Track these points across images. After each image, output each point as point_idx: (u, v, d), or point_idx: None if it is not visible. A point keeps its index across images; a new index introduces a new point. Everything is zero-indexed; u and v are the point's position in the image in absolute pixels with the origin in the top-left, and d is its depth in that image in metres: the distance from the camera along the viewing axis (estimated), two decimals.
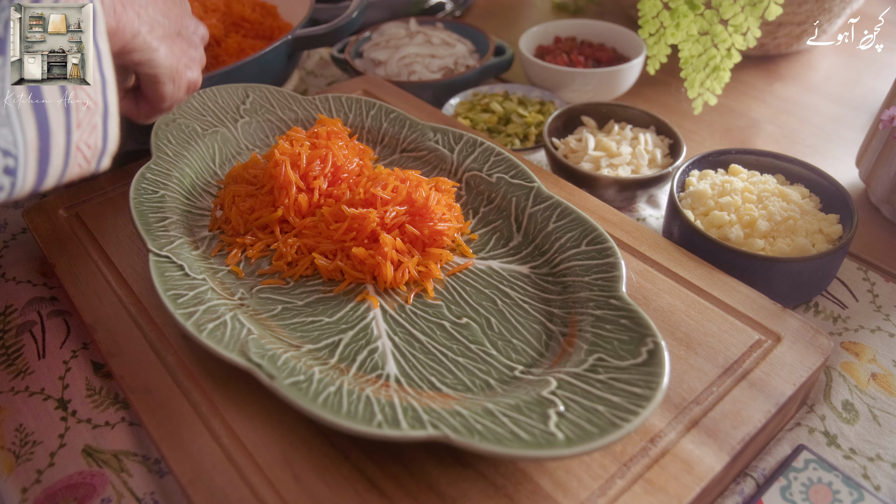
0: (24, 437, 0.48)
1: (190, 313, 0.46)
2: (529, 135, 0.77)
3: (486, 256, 0.55)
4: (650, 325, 0.43)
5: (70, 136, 0.36)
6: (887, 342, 0.55)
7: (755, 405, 0.44)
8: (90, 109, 0.37)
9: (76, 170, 0.38)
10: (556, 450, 0.36)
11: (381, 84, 0.79)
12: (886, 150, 0.62)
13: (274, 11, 0.90)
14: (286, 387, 0.41)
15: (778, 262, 0.53)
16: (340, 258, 0.53)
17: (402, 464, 0.41)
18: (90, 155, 0.38)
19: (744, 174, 0.61)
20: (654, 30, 0.71)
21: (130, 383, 0.47)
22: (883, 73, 0.92)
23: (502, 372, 0.45)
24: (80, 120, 0.37)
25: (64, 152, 0.36)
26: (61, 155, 0.36)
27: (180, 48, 0.50)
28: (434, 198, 0.54)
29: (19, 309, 0.57)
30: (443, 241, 0.54)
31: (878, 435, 0.48)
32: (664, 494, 0.39)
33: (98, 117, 0.38)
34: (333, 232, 0.53)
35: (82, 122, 0.37)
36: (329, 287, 0.52)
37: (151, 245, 0.51)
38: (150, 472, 0.46)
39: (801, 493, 0.44)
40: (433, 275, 0.52)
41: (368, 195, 0.54)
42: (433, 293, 0.51)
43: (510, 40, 0.95)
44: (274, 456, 0.42)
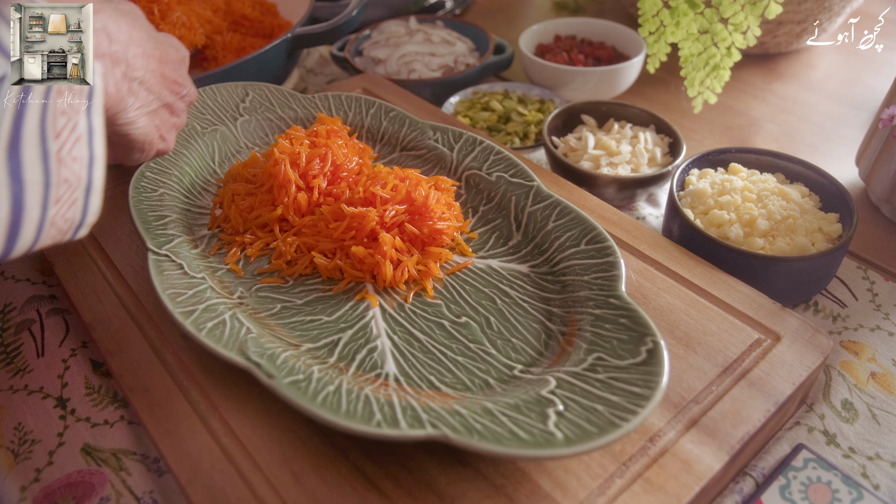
0: (23, 435, 0.48)
1: (189, 312, 0.46)
2: (529, 133, 0.77)
3: (485, 255, 0.55)
4: (649, 324, 0.43)
5: (45, 212, 0.35)
6: (887, 341, 0.55)
7: (754, 404, 0.44)
8: (72, 185, 0.36)
9: (48, 241, 0.36)
10: (555, 449, 0.36)
11: (381, 82, 0.79)
12: (886, 148, 0.62)
13: (274, 9, 0.90)
14: (285, 386, 0.41)
15: (777, 261, 0.53)
16: (340, 257, 0.53)
17: (401, 463, 0.41)
18: (66, 228, 0.37)
19: (743, 173, 0.61)
20: (654, 28, 0.71)
21: (129, 382, 0.47)
22: (883, 71, 0.92)
23: (501, 371, 0.45)
24: (59, 196, 0.35)
25: (37, 227, 0.35)
26: (33, 230, 0.35)
27: (161, 119, 0.49)
28: (433, 196, 0.54)
29: (18, 307, 0.57)
30: (442, 239, 0.54)
31: (877, 434, 0.48)
32: (663, 494, 0.39)
33: (80, 192, 0.37)
34: (333, 231, 0.53)
35: (62, 198, 0.36)
36: (328, 286, 0.52)
37: (150, 243, 0.51)
38: (149, 470, 0.46)
39: (800, 492, 0.44)
40: (432, 274, 0.52)
41: (368, 194, 0.54)
42: (432, 292, 0.51)
43: (510, 39, 0.95)
44: (273, 455, 0.42)
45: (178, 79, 0.50)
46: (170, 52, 0.49)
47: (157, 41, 0.48)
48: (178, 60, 0.51)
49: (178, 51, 0.51)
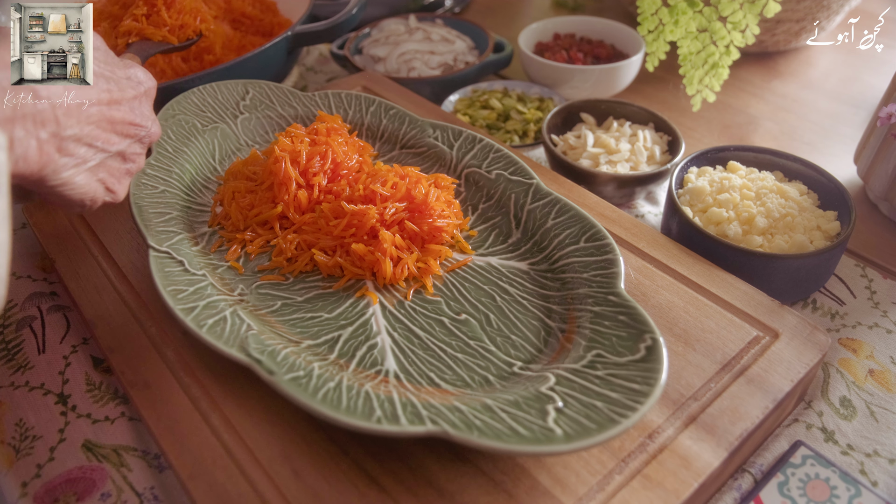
0: (24, 431, 0.48)
1: (190, 309, 0.46)
2: (528, 131, 0.77)
3: (484, 253, 0.55)
4: (648, 321, 0.44)
5: None
6: (885, 339, 0.55)
7: (753, 401, 0.44)
8: None
9: None
10: (555, 446, 0.36)
11: (381, 80, 0.79)
12: (884, 147, 0.63)
13: (273, 8, 0.90)
14: (286, 382, 0.41)
15: (776, 259, 0.53)
16: (340, 254, 0.53)
17: (402, 459, 0.42)
18: None
19: (742, 171, 0.61)
20: (652, 26, 0.71)
21: (130, 378, 0.47)
22: (881, 70, 0.92)
23: (501, 368, 0.45)
24: None
25: None
26: None
27: (108, 170, 0.44)
28: (433, 194, 0.54)
29: (19, 304, 0.57)
30: (442, 237, 0.54)
31: (875, 431, 0.48)
32: (662, 490, 0.39)
33: None
34: (333, 228, 0.53)
35: None
36: (328, 283, 0.52)
37: (151, 241, 0.51)
38: (150, 466, 0.46)
39: (798, 488, 0.44)
40: (432, 271, 0.52)
41: (368, 192, 0.54)
42: (432, 289, 0.51)
43: (509, 37, 0.95)
44: (273, 451, 0.42)
45: (135, 119, 0.45)
46: (126, 89, 0.44)
47: (110, 78, 0.43)
48: (136, 97, 0.45)
49: (138, 86, 0.46)
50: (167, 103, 0.64)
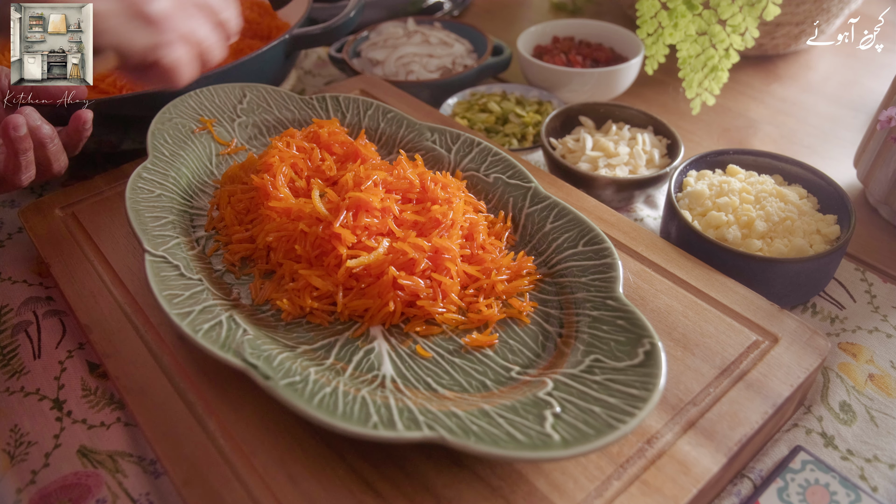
0: (19, 437, 0.47)
1: (186, 314, 0.46)
2: (527, 135, 0.77)
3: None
4: (647, 326, 0.43)
5: None
6: (885, 343, 0.54)
7: (752, 406, 0.44)
8: None
9: None
10: (553, 451, 0.36)
11: (379, 84, 0.79)
12: (884, 150, 0.62)
13: (271, 10, 0.90)
14: (282, 388, 0.41)
15: (775, 263, 0.53)
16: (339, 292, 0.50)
17: (398, 465, 0.41)
18: None
19: (741, 174, 0.61)
20: (652, 30, 0.71)
21: (126, 384, 0.47)
22: (881, 73, 0.92)
23: (498, 373, 0.45)
24: None
25: None
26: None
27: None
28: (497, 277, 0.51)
29: (15, 309, 0.57)
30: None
31: (875, 436, 0.48)
32: (661, 496, 0.39)
33: None
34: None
35: None
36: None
37: (147, 245, 0.51)
38: (146, 472, 0.45)
39: (798, 494, 0.44)
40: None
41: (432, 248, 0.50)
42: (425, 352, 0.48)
43: (508, 40, 0.95)
44: (269, 457, 0.42)
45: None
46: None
47: None
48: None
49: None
50: (163, 107, 0.64)
